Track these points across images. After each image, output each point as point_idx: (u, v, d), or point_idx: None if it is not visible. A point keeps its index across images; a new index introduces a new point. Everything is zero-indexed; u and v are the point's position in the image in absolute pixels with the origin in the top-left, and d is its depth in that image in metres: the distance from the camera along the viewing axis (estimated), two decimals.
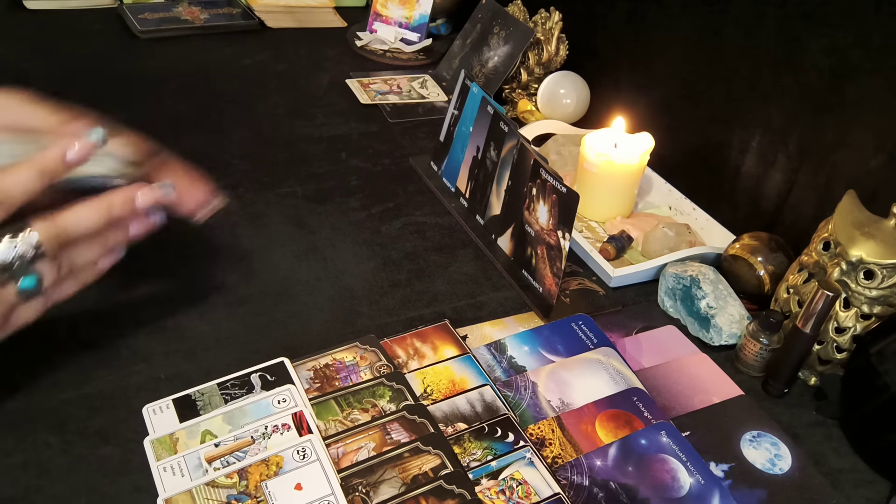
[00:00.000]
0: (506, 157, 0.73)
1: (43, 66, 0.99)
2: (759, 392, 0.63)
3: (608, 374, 0.61)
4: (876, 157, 0.67)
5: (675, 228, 0.76)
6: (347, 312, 0.65)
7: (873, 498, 0.55)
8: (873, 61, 0.65)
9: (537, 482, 0.51)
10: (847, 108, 0.69)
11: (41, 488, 0.48)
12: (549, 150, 0.91)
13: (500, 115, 0.75)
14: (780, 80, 0.75)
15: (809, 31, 0.71)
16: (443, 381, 0.58)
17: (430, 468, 0.51)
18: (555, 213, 0.65)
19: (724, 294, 0.67)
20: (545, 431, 0.56)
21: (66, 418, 0.52)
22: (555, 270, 0.65)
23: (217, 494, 0.48)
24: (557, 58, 1.00)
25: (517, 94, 1.04)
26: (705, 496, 0.52)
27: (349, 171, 0.86)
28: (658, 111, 0.92)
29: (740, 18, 0.78)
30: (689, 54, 0.87)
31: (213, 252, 0.70)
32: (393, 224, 0.78)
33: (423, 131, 0.97)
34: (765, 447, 0.57)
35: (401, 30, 1.17)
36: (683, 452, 0.55)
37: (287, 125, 0.93)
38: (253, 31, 1.17)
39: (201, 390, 0.55)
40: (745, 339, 0.63)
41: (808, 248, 0.63)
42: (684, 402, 0.60)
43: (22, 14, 1.12)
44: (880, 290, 0.58)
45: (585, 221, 0.83)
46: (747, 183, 0.81)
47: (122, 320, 0.61)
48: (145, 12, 1.14)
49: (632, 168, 0.79)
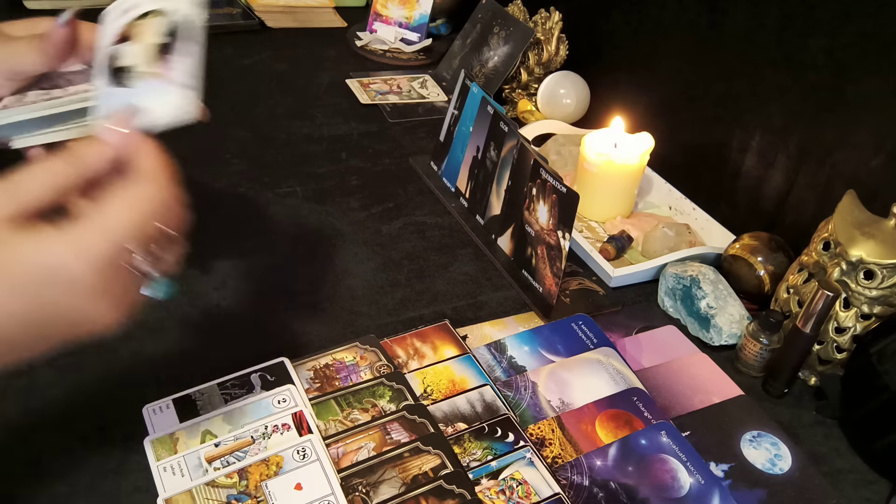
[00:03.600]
0: (506, 157, 0.73)
1: None
2: (759, 392, 0.63)
3: (608, 374, 0.61)
4: (876, 157, 0.67)
5: (675, 228, 0.76)
6: (347, 312, 0.65)
7: (873, 498, 0.55)
8: (873, 61, 0.66)
9: (537, 482, 0.51)
10: (847, 108, 0.69)
11: (41, 488, 0.48)
12: (549, 150, 0.91)
13: (500, 115, 0.75)
14: (780, 80, 0.75)
15: (809, 31, 0.71)
16: (443, 381, 0.58)
17: (430, 468, 0.51)
18: (555, 213, 0.65)
19: (724, 294, 0.67)
20: (545, 431, 0.56)
21: (66, 418, 0.52)
22: (555, 270, 0.65)
23: (217, 494, 0.48)
24: (557, 58, 1.00)
25: (517, 94, 1.04)
26: (705, 496, 0.52)
27: (349, 171, 0.86)
28: (658, 111, 0.92)
29: (740, 18, 0.78)
30: (689, 54, 0.87)
31: (213, 251, 0.70)
32: (393, 224, 0.78)
33: (423, 131, 0.97)
34: (765, 447, 0.57)
35: (401, 30, 1.17)
36: (683, 452, 0.55)
37: (287, 125, 0.93)
38: (253, 31, 1.17)
39: (201, 390, 0.55)
40: (745, 339, 0.63)
41: (808, 248, 0.63)
42: (684, 402, 0.60)
43: (22, 14, 1.12)
44: (880, 290, 0.58)
45: (585, 221, 0.83)
46: (747, 183, 0.81)
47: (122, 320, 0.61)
48: None
49: (632, 168, 0.79)
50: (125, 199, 0.38)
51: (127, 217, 0.38)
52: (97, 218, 0.37)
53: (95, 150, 0.40)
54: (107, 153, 0.40)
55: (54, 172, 0.39)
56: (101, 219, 0.37)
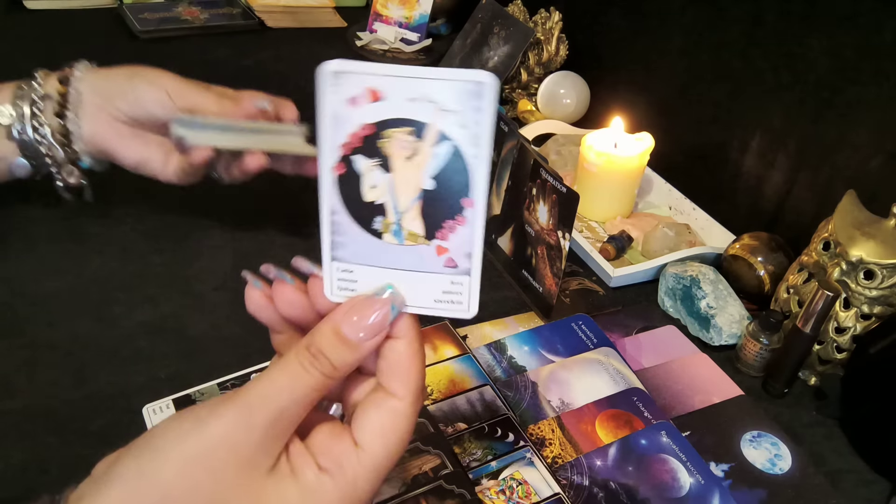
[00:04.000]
0: (506, 157, 0.73)
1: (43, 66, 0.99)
2: (759, 392, 0.63)
3: (608, 374, 0.61)
4: (876, 157, 0.67)
5: (675, 228, 0.76)
6: None
7: (873, 498, 0.55)
8: (873, 61, 0.66)
9: (537, 482, 0.51)
10: (847, 108, 0.69)
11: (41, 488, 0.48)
12: (549, 150, 0.91)
13: (500, 114, 0.75)
14: (780, 80, 0.75)
15: (809, 32, 0.71)
16: (443, 380, 0.58)
17: (430, 468, 0.51)
18: (555, 213, 0.65)
19: (724, 294, 0.67)
20: (545, 431, 0.56)
21: (66, 418, 0.52)
22: (555, 270, 0.65)
23: None
24: (557, 58, 1.00)
25: (517, 94, 1.04)
26: (705, 496, 0.52)
27: None
28: (658, 111, 0.92)
29: (740, 18, 0.78)
30: (689, 54, 0.87)
31: (213, 251, 0.70)
32: None
33: None
34: (765, 447, 0.57)
35: (401, 30, 1.17)
36: (683, 452, 0.55)
37: None
38: (253, 31, 1.17)
39: (201, 390, 0.55)
40: (745, 339, 0.63)
41: (808, 248, 0.63)
42: (684, 402, 0.60)
43: (22, 14, 1.12)
44: (880, 290, 0.58)
45: (585, 221, 0.83)
46: (747, 183, 0.81)
47: (122, 320, 0.61)
48: (145, 12, 1.14)
49: (632, 168, 0.79)
50: (386, 421, 0.31)
51: (393, 449, 0.31)
52: (364, 457, 0.30)
53: (344, 354, 0.31)
54: (359, 355, 0.32)
55: (296, 379, 0.31)
56: (367, 457, 0.30)
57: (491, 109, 0.28)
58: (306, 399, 0.31)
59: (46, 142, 0.62)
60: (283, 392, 0.30)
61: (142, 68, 0.64)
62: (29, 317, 0.60)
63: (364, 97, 0.29)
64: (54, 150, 0.62)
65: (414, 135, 0.29)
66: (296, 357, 0.31)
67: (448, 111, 0.28)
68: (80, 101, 0.62)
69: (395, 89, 0.28)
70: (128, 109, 0.62)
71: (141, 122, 0.64)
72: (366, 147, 0.29)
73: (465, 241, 0.30)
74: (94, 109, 0.63)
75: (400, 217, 0.30)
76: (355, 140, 0.30)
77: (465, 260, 0.30)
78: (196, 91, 0.63)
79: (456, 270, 0.30)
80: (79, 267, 0.65)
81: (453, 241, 0.30)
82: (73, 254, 0.67)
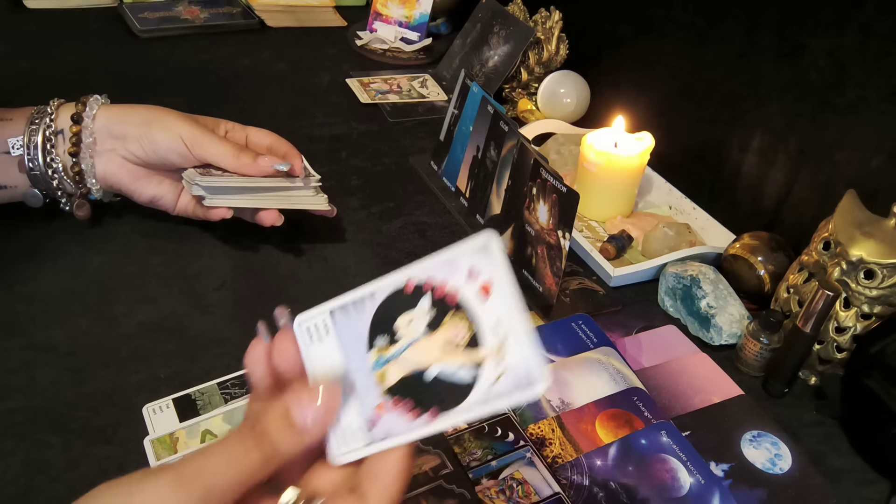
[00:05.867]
0: (506, 156, 0.73)
1: (43, 65, 0.99)
2: (759, 392, 0.63)
3: (608, 373, 0.61)
4: (876, 157, 0.67)
5: (675, 228, 0.76)
6: None
7: (873, 498, 0.55)
8: (873, 61, 0.65)
9: (537, 482, 0.51)
10: (847, 108, 0.69)
11: (41, 488, 0.48)
12: (549, 149, 0.91)
13: (500, 114, 0.75)
14: (780, 80, 0.75)
15: (809, 31, 0.71)
16: None
17: (430, 468, 0.51)
18: (555, 213, 0.65)
19: (724, 294, 0.67)
20: (545, 431, 0.56)
21: (66, 418, 0.52)
22: (555, 270, 0.65)
23: None
24: (557, 57, 1.00)
25: (517, 93, 1.04)
26: (705, 496, 0.52)
27: (349, 170, 0.86)
28: (658, 111, 0.92)
29: (740, 18, 0.78)
30: (690, 54, 0.87)
31: (214, 251, 0.70)
32: (393, 223, 0.78)
33: (424, 131, 0.97)
34: (765, 447, 0.57)
35: (401, 29, 1.17)
36: (683, 452, 0.55)
37: (287, 125, 0.93)
38: (253, 31, 1.17)
39: (201, 390, 0.55)
40: (746, 339, 0.63)
41: (809, 248, 0.63)
42: (684, 402, 0.60)
43: (22, 14, 1.12)
44: (880, 289, 0.58)
45: (585, 221, 0.83)
46: (747, 183, 0.81)
47: (122, 320, 0.61)
48: (145, 11, 1.14)
49: (632, 167, 0.79)
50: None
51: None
52: None
53: (289, 439, 0.31)
54: (304, 443, 0.31)
55: (235, 460, 0.29)
56: None
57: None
58: (242, 480, 0.29)
59: (59, 176, 0.63)
60: (220, 471, 0.29)
61: (156, 111, 0.64)
62: (29, 317, 0.60)
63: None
64: (65, 184, 0.64)
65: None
66: (238, 436, 0.30)
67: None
68: (94, 142, 0.63)
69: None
70: (142, 154, 0.63)
71: (154, 166, 0.65)
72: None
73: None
74: (107, 151, 0.64)
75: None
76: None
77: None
78: (211, 141, 0.63)
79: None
80: (79, 267, 0.66)
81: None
82: (73, 254, 0.67)
